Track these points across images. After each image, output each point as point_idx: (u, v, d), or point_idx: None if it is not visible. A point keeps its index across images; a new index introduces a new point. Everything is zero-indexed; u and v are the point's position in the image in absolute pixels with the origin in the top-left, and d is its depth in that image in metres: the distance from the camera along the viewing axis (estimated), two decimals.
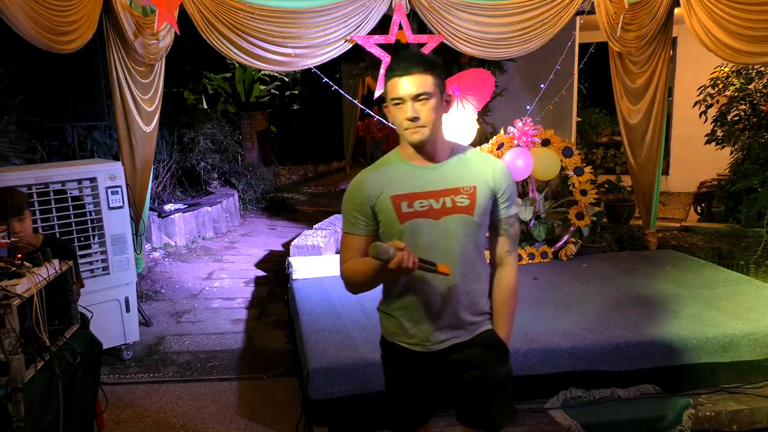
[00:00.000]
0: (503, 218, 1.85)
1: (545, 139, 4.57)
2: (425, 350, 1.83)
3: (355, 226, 1.85)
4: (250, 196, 8.67)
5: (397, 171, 1.82)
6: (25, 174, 3.36)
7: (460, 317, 1.81)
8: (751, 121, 6.36)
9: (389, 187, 1.80)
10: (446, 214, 1.77)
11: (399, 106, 1.73)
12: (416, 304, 1.81)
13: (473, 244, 1.80)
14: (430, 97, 1.71)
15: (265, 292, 5.18)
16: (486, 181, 1.79)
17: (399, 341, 1.87)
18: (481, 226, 1.81)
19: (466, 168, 1.81)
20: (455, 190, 1.78)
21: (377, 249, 1.59)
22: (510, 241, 1.87)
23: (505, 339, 1.88)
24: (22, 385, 1.96)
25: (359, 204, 1.84)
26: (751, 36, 3.82)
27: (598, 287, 3.86)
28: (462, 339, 1.83)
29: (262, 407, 3.27)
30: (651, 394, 2.97)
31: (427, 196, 1.77)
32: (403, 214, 1.78)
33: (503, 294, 1.88)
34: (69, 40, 3.40)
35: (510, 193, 1.83)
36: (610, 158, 9.41)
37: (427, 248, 1.75)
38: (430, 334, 1.81)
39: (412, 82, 1.70)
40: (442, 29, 4.44)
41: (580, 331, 3.11)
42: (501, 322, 1.88)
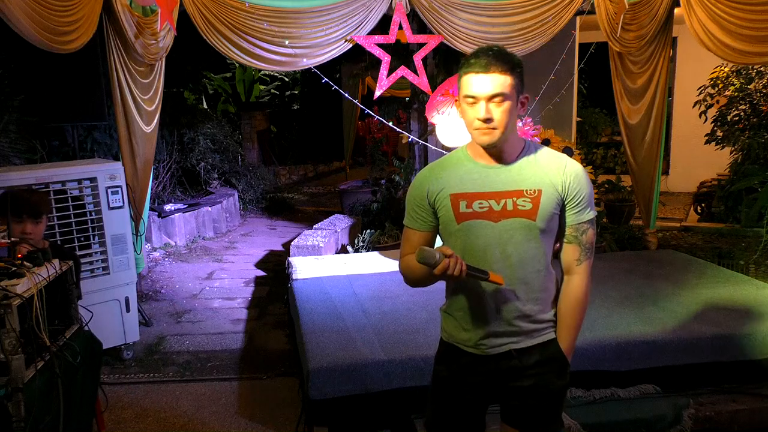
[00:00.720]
0: (572, 225, 1.75)
1: (545, 139, 4.57)
2: (481, 353, 1.78)
3: (414, 221, 1.82)
4: (250, 196, 8.67)
5: (461, 168, 1.77)
6: (25, 174, 3.36)
7: (516, 323, 1.75)
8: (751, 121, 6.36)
9: (450, 185, 1.75)
10: (506, 217, 1.70)
11: (471, 104, 1.66)
12: (474, 307, 1.77)
13: (535, 250, 1.73)
14: (506, 99, 1.63)
15: (265, 292, 5.18)
16: (553, 185, 1.71)
17: (456, 342, 1.84)
18: (546, 232, 1.73)
19: (533, 170, 1.72)
20: (518, 192, 1.70)
21: (423, 254, 1.57)
22: (580, 249, 1.76)
23: (566, 351, 1.80)
24: (22, 385, 1.96)
25: (420, 198, 1.80)
26: (751, 36, 3.82)
27: (598, 287, 3.85)
28: (520, 345, 1.77)
29: (262, 407, 3.27)
30: (651, 394, 2.97)
31: (488, 197, 1.71)
32: (461, 213, 1.73)
33: (568, 305, 1.79)
34: (69, 40, 3.40)
35: (581, 198, 1.72)
36: (610, 158, 9.42)
37: (483, 251, 1.72)
38: (486, 338, 1.77)
39: (489, 81, 1.62)
40: (442, 29, 4.43)
41: (580, 331, 3.11)
42: (563, 334, 1.79)
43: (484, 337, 1.77)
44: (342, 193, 7.84)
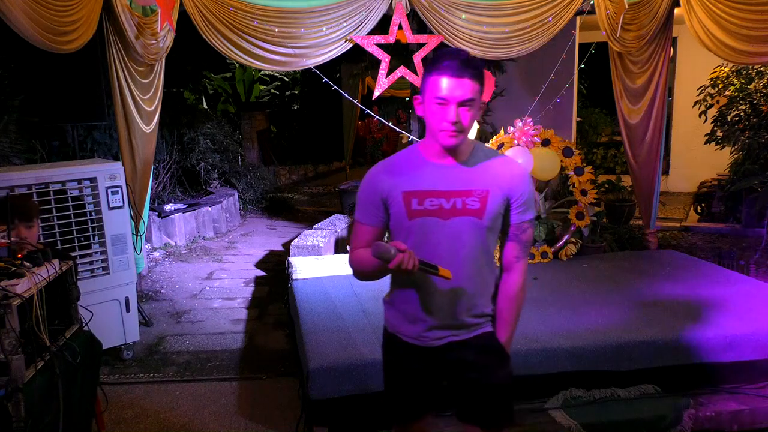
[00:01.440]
0: (515, 224, 1.82)
1: (545, 139, 4.57)
2: (422, 345, 1.86)
3: (366, 215, 1.87)
4: (250, 196, 8.67)
5: (414, 166, 1.81)
6: (25, 174, 3.35)
7: (458, 317, 1.83)
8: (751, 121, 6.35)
9: (403, 182, 1.80)
10: (455, 215, 1.76)
11: (441, 105, 1.69)
12: (417, 300, 1.83)
13: (481, 247, 1.79)
14: (473, 105, 1.69)
15: (265, 292, 5.18)
16: (500, 186, 1.77)
17: (399, 333, 1.91)
18: (492, 230, 1.80)
19: (482, 170, 1.78)
20: (468, 192, 1.76)
21: (379, 249, 1.61)
22: (520, 247, 1.84)
23: (504, 344, 1.87)
24: (22, 385, 1.96)
25: (372, 194, 1.84)
26: (751, 36, 3.82)
27: (598, 287, 3.86)
28: (460, 338, 1.85)
29: (262, 407, 3.27)
30: (651, 394, 2.97)
31: (439, 195, 1.76)
32: (413, 210, 1.78)
33: (506, 300, 1.87)
34: (69, 40, 3.40)
35: (525, 199, 1.80)
36: (610, 158, 9.41)
37: (433, 247, 1.77)
38: (428, 330, 1.84)
39: (461, 86, 1.66)
40: (442, 29, 4.43)
41: (580, 331, 3.11)
42: (501, 328, 1.88)
43: (428, 329, 1.84)
44: (342, 193, 7.84)
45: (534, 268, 4.40)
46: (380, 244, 1.63)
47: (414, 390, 1.94)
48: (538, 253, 4.57)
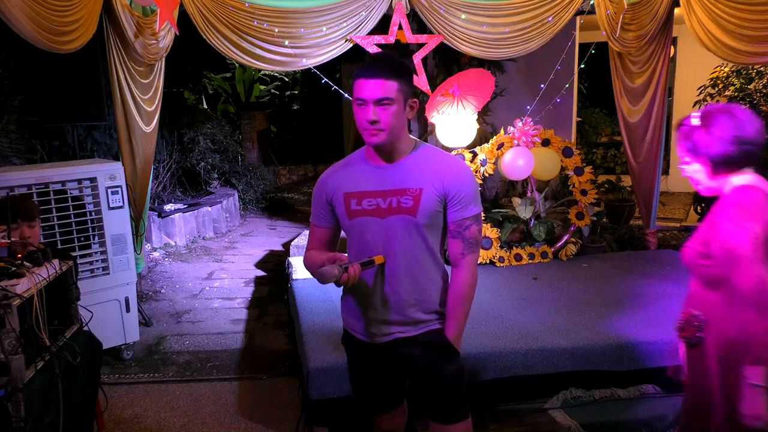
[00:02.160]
0: (455, 221, 1.86)
1: (545, 139, 4.57)
2: (370, 341, 1.94)
3: (317, 217, 2.00)
4: (250, 196, 8.67)
5: (355, 168, 1.92)
6: (25, 174, 3.35)
7: (405, 314, 1.88)
8: None
9: (345, 185, 1.90)
10: (391, 214, 1.83)
11: (361, 106, 1.77)
12: (363, 297, 1.91)
13: (420, 245, 1.85)
14: (392, 103, 1.74)
15: (265, 292, 5.18)
16: (434, 184, 1.81)
17: (350, 329, 2.00)
18: (429, 228, 1.85)
19: (418, 169, 1.84)
20: (402, 191, 1.82)
21: (324, 276, 1.70)
22: (464, 243, 1.87)
23: (452, 340, 1.90)
24: (22, 385, 1.96)
25: (320, 197, 1.97)
26: (751, 36, 3.82)
27: (598, 287, 3.86)
28: (406, 334, 1.90)
29: (262, 407, 3.27)
30: (651, 394, 2.97)
31: (376, 195, 1.85)
32: (352, 211, 1.87)
33: (452, 296, 1.90)
34: (69, 40, 3.40)
35: (462, 197, 1.83)
36: (610, 158, 9.41)
37: (372, 245, 1.85)
38: (374, 326, 1.91)
39: (376, 86, 1.73)
40: (442, 29, 4.43)
41: (580, 331, 3.11)
42: (449, 323, 1.91)
43: (373, 325, 1.92)
44: None
45: (534, 268, 4.40)
46: (323, 271, 1.70)
47: (370, 385, 2.03)
48: (538, 253, 4.57)
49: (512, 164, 4.41)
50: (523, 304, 3.58)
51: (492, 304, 3.58)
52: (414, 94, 1.85)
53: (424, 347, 1.91)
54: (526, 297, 3.71)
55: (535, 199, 4.69)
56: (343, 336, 2.08)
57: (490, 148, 4.51)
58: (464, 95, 4.44)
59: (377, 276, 1.86)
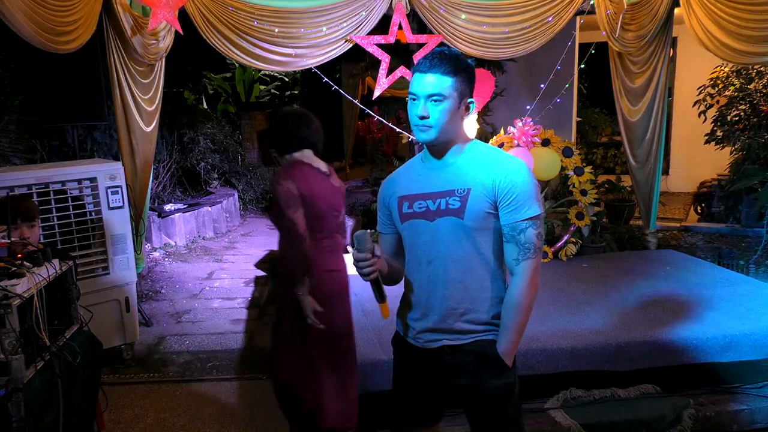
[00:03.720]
0: (508, 224, 1.72)
1: (545, 139, 4.57)
2: (419, 346, 1.86)
3: (380, 224, 1.94)
4: (250, 196, 8.67)
5: (411, 171, 1.87)
6: (25, 174, 3.35)
7: (452, 322, 1.78)
8: (751, 121, 6.36)
9: (400, 188, 1.86)
10: (439, 216, 1.75)
11: (413, 101, 1.72)
12: (415, 301, 1.85)
13: (470, 249, 1.74)
14: (443, 99, 1.68)
15: (265, 292, 5.18)
16: (483, 184, 1.71)
17: (400, 331, 1.94)
18: (480, 231, 1.73)
19: (468, 169, 1.75)
20: (450, 192, 1.74)
21: (358, 236, 1.67)
22: (518, 248, 1.72)
23: (503, 353, 1.76)
24: (22, 385, 1.96)
25: (381, 203, 1.93)
26: (750, 36, 3.82)
27: (598, 287, 3.86)
28: (454, 343, 1.80)
29: (262, 407, 3.27)
30: (651, 394, 2.97)
31: (426, 198, 1.78)
32: (404, 214, 1.81)
33: (505, 305, 1.77)
34: (68, 40, 3.40)
35: (514, 197, 1.69)
36: (610, 158, 9.41)
37: (422, 249, 1.79)
38: (423, 332, 1.83)
39: (429, 80, 1.68)
40: (442, 29, 4.43)
41: (580, 331, 3.11)
42: (500, 335, 1.78)
43: (422, 331, 1.83)
44: None
45: None
46: (366, 232, 1.66)
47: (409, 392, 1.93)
48: None
49: None
50: None
51: None
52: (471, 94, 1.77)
53: (472, 357, 1.78)
54: None
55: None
56: (394, 336, 1.99)
57: None
58: None
59: (426, 281, 1.78)
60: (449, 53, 1.71)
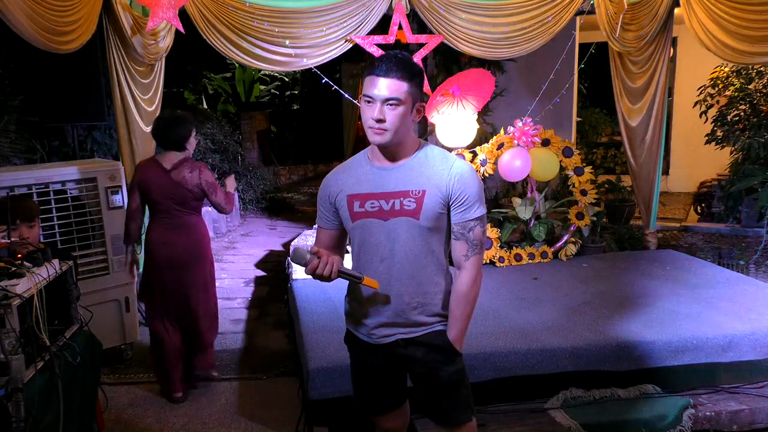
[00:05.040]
0: (459, 222, 1.84)
1: (545, 139, 4.57)
2: (371, 341, 1.94)
3: (321, 219, 1.99)
4: (250, 196, 8.67)
5: (359, 170, 1.91)
6: (25, 174, 3.36)
7: (406, 316, 1.88)
8: (751, 121, 6.36)
9: (348, 186, 1.89)
10: (394, 216, 1.82)
11: (369, 104, 1.76)
12: (366, 299, 1.90)
13: (423, 247, 1.84)
14: (399, 104, 1.73)
15: (265, 292, 5.18)
16: (437, 186, 1.80)
17: (352, 329, 2.00)
18: (432, 230, 1.83)
19: (421, 171, 1.83)
20: (405, 192, 1.81)
21: (296, 254, 1.70)
22: (468, 245, 1.85)
23: (453, 340, 1.89)
24: (22, 385, 1.96)
25: (324, 199, 1.96)
26: (751, 36, 3.82)
27: (598, 287, 3.86)
28: (407, 336, 1.90)
29: (262, 407, 3.27)
30: (651, 394, 2.97)
31: (379, 197, 1.84)
32: (355, 213, 1.86)
33: (455, 297, 1.89)
34: (68, 40, 3.40)
35: (466, 198, 1.81)
36: (610, 158, 9.41)
37: (375, 247, 1.85)
38: (376, 327, 1.91)
39: (386, 85, 1.72)
40: (442, 29, 4.43)
41: (580, 331, 3.11)
42: (451, 325, 1.90)
43: (375, 327, 1.92)
44: None
45: (534, 268, 4.40)
46: (298, 248, 1.71)
47: (371, 384, 2.03)
48: (538, 253, 4.57)
49: (509, 166, 4.41)
50: (523, 304, 3.58)
51: (492, 304, 3.58)
52: (422, 98, 1.84)
53: (425, 348, 1.90)
54: (526, 297, 3.71)
55: (535, 200, 4.69)
56: (346, 335, 2.07)
57: (490, 148, 4.51)
58: (464, 95, 4.44)
59: (380, 278, 1.84)
60: (404, 58, 1.78)
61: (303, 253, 1.70)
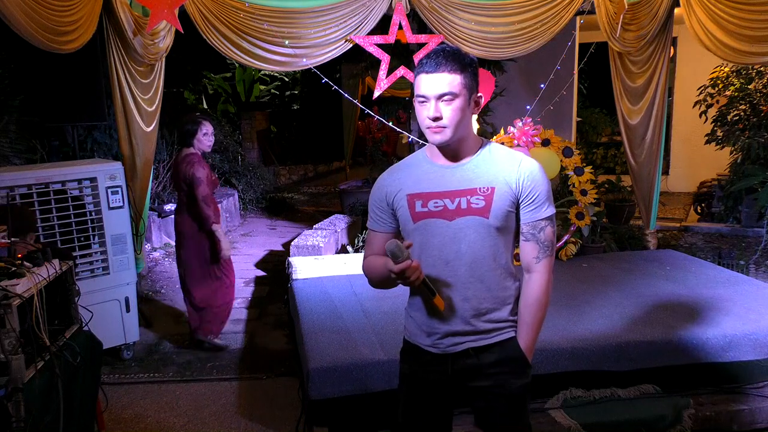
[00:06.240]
0: (529, 222, 1.74)
1: (545, 139, 4.57)
2: (440, 352, 1.79)
3: (375, 222, 1.87)
4: (250, 196, 8.67)
5: (418, 169, 1.80)
6: (25, 174, 3.35)
7: (471, 323, 1.75)
8: (751, 121, 6.36)
9: (407, 185, 1.78)
10: (460, 215, 1.71)
11: (423, 104, 1.68)
12: (430, 307, 1.78)
13: (491, 248, 1.73)
14: (455, 98, 1.65)
15: (265, 292, 5.18)
16: (507, 183, 1.71)
17: (417, 342, 1.85)
18: (502, 230, 1.73)
19: (488, 168, 1.73)
20: (472, 190, 1.71)
21: (392, 246, 1.58)
22: (538, 247, 1.74)
23: (525, 350, 1.78)
24: (22, 385, 1.96)
25: (379, 201, 1.84)
26: (750, 36, 3.82)
27: (598, 287, 3.86)
28: (477, 344, 1.77)
29: (262, 407, 3.27)
30: (651, 394, 2.97)
31: (443, 196, 1.73)
32: (417, 213, 1.75)
33: (526, 303, 1.77)
34: (69, 40, 3.40)
35: (536, 196, 1.72)
36: (610, 158, 9.42)
37: (439, 249, 1.74)
38: (444, 337, 1.77)
39: (438, 80, 1.64)
40: (442, 29, 4.43)
41: (580, 331, 3.11)
42: (521, 332, 1.79)
43: (442, 336, 1.78)
44: (342, 193, 7.84)
45: None
46: (396, 241, 1.59)
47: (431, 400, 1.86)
48: None
49: None
50: None
51: None
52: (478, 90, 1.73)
53: (496, 357, 1.77)
54: None
55: None
56: (403, 350, 1.91)
57: None
58: None
59: (445, 282, 1.74)
60: (452, 50, 1.68)
61: (402, 248, 1.57)
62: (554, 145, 4.58)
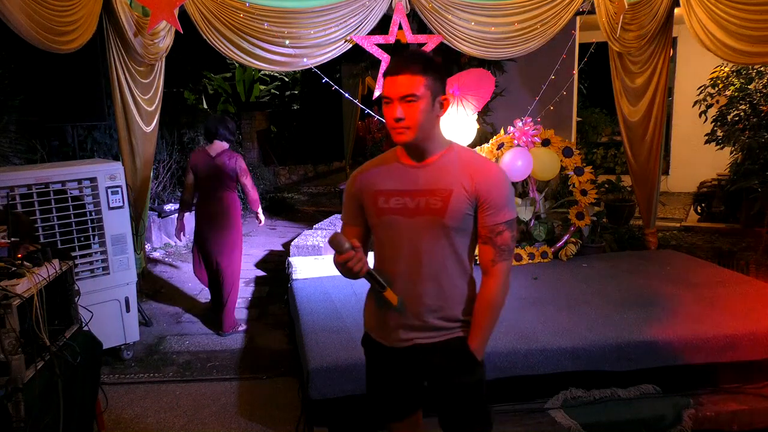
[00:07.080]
0: (486, 226, 1.77)
1: (545, 139, 4.56)
2: (389, 345, 1.87)
3: (348, 215, 1.94)
4: None
5: (387, 166, 1.86)
6: (25, 174, 3.35)
7: (424, 319, 1.81)
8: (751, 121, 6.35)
9: (375, 182, 1.85)
10: (419, 214, 1.77)
11: (387, 105, 1.73)
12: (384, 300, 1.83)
13: (446, 248, 1.78)
14: (417, 99, 1.68)
15: (265, 292, 5.18)
16: (464, 186, 1.74)
17: (371, 334, 1.94)
18: (458, 231, 1.77)
19: (449, 171, 1.77)
20: (431, 191, 1.76)
21: (335, 239, 1.65)
22: (495, 250, 1.77)
23: (475, 350, 1.81)
24: (22, 385, 1.96)
25: (350, 195, 1.91)
26: (751, 36, 3.82)
27: (598, 287, 3.86)
28: (425, 340, 1.83)
29: (262, 407, 3.27)
30: (651, 394, 2.97)
31: (404, 195, 1.79)
32: (380, 208, 1.82)
33: (480, 304, 1.82)
34: (69, 40, 3.40)
35: (494, 200, 1.74)
36: (610, 158, 9.41)
37: (397, 245, 1.80)
38: (394, 331, 1.85)
39: (400, 82, 1.68)
40: (442, 29, 4.44)
41: (580, 331, 3.11)
42: (473, 333, 1.82)
43: (392, 329, 1.85)
44: (342, 193, 7.82)
45: (534, 268, 4.40)
46: (338, 234, 1.66)
47: (390, 389, 1.96)
48: (538, 253, 4.57)
49: (511, 165, 4.41)
50: (523, 304, 3.58)
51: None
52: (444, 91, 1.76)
53: (443, 355, 1.83)
54: (526, 297, 3.71)
55: (535, 200, 4.69)
56: (363, 338, 2.00)
57: (490, 148, 4.51)
58: (464, 95, 4.44)
59: (401, 278, 1.79)
60: (416, 53, 1.74)
61: (342, 241, 1.63)
62: (554, 145, 4.58)
